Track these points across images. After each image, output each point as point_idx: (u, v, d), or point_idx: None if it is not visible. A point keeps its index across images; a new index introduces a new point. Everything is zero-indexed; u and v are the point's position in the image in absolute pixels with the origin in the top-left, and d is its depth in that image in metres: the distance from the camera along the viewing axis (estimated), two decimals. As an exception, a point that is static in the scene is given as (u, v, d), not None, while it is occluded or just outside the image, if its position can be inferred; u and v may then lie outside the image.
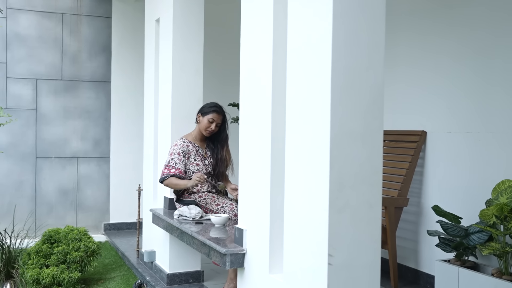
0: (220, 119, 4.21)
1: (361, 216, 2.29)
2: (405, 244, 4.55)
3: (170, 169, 4.12)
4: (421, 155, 4.39)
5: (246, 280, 3.08)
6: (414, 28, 4.49)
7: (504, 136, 3.72)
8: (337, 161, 2.22)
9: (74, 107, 6.53)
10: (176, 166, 4.12)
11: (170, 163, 4.14)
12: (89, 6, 6.59)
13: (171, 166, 4.13)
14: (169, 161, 4.16)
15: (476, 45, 3.94)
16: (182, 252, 4.44)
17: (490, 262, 3.79)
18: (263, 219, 2.89)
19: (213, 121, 4.18)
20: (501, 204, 3.35)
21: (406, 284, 4.35)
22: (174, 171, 4.10)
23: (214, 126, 4.18)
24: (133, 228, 6.67)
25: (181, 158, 4.14)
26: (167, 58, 4.53)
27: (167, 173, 4.11)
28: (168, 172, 4.11)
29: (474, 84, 3.95)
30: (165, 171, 4.13)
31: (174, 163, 4.13)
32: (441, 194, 4.21)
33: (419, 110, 4.44)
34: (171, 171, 4.11)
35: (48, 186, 6.41)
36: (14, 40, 6.27)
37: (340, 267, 2.24)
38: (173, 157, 4.15)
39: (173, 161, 4.14)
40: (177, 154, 4.15)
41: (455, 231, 3.68)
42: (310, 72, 2.35)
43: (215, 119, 4.18)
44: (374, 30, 2.31)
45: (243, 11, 3.18)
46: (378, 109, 2.32)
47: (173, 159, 4.15)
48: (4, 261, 4.65)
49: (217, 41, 6.52)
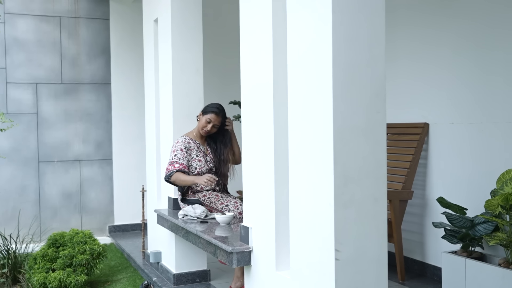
0: (218, 121, 4.22)
1: (367, 210, 2.28)
2: (411, 237, 4.54)
3: (174, 165, 4.13)
4: (424, 147, 4.39)
5: (253, 277, 3.08)
6: (414, 21, 4.47)
7: (507, 125, 3.71)
8: (341, 156, 2.22)
9: (75, 110, 6.53)
10: (180, 161, 4.13)
11: (174, 159, 4.15)
12: (87, 8, 6.58)
13: (175, 162, 4.14)
14: (172, 158, 4.16)
15: (476, 36, 3.93)
16: (188, 252, 4.44)
17: (496, 252, 3.78)
18: (268, 216, 2.89)
19: (210, 121, 4.20)
20: (506, 194, 3.34)
21: (413, 277, 4.35)
22: (178, 166, 4.11)
23: (210, 127, 4.21)
24: (138, 230, 6.67)
25: (184, 154, 4.16)
26: (167, 58, 4.52)
27: (172, 169, 4.11)
28: (172, 168, 4.12)
29: (475, 75, 3.94)
30: (170, 167, 4.14)
31: (177, 158, 4.14)
32: (445, 185, 4.20)
33: (421, 102, 4.43)
34: (176, 166, 4.11)
35: (51, 190, 6.42)
36: (13, 45, 6.26)
37: (347, 262, 2.23)
38: (176, 153, 4.16)
39: (176, 157, 4.15)
40: (180, 150, 4.17)
41: (460, 223, 3.67)
42: (311, 68, 2.34)
43: (212, 120, 4.20)
44: (374, 24, 2.30)
45: (242, 8, 3.17)
46: (381, 103, 2.31)
47: (176, 155, 4.16)
48: (10, 266, 4.66)
49: (216, 40, 6.51)
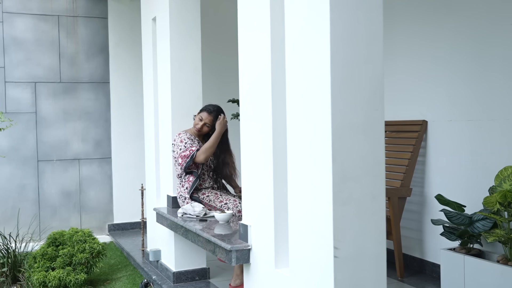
0: (209, 120, 4.23)
1: (365, 208, 2.29)
2: (410, 234, 4.55)
3: (189, 150, 4.11)
4: (423, 144, 4.39)
5: (252, 275, 3.09)
6: (412, 18, 4.48)
7: (505, 122, 3.72)
8: (340, 153, 2.22)
9: (73, 109, 6.53)
10: (193, 147, 4.13)
11: (186, 146, 4.13)
12: (85, 7, 6.58)
13: (188, 148, 4.12)
14: (184, 146, 4.14)
15: (474, 33, 3.93)
16: (187, 250, 4.44)
17: (495, 249, 3.79)
18: (267, 214, 2.90)
19: (201, 119, 4.23)
20: (505, 190, 3.35)
21: (412, 274, 4.36)
22: (195, 148, 4.11)
23: (200, 125, 4.22)
24: (137, 228, 6.68)
25: (192, 141, 4.17)
26: (165, 56, 4.52)
27: (189, 154, 4.09)
28: (189, 153, 4.10)
29: (473, 72, 3.95)
30: (187, 153, 4.10)
31: (189, 145, 4.14)
32: (444, 183, 4.21)
33: (419, 99, 4.43)
34: (192, 149, 4.11)
35: (51, 189, 6.42)
36: (11, 44, 6.26)
37: (346, 260, 2.24)
38: (185, 142, 4.16)
39: (188, 144, 4.14)
40: (187, 139, 4.17)
41: (459, 220, 3.68)
42: (309, 65, 2.35)
43: (203, 118, 4.23)
44: (372, 21, 2.30)
45: (240, 6, 3.17)
46: (379, 100, 2.32)
47: (186, 143, 4.15)
48: (10, 265, 4.67)
49: (214, 38, 6.50)
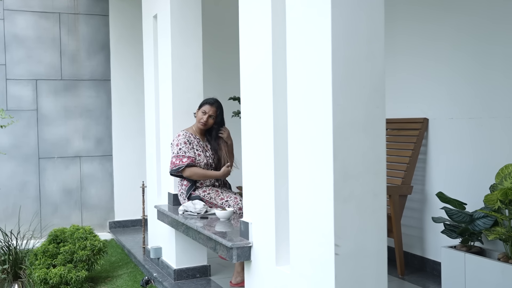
0: (212, 111, 4.26)
1: (366, 206, 2.29)
2: (411, 232, 4.55)
3: (181, 159, 4.12)
4: (424, 142, 4.39)
5: (253, 273, 3.09)
6: (413, 16, 4.47)
7: (506, 120, 3.71)
8: (341, 151, 2.22)
9: (74, 106, 6.53)
10: (186, 155, 4.13)
11: (180, 153, 4.14)
12: (86, 4, 6.57)
13: (181, 156, 4.13)
14: (177, 152, 4.16)
15: (475, 31, 3.93)
16: (188, 247, 4.45)
17: (496, 247, 3.79)
18: (268, 211, 2.90)
19: (205, 112, 4.25)
20: (505, 188, 3.35)
21: (413, 272, 4.36)
22: (186, 160, 4.12)
23: (206, 118, 4.24)
24: (138, 225, 6.69)
25: (189, 146, 4.17)
26: (166, 54, 4.52)
27: (180, 164, 4.11)
28: (180, 162, 4.11)
29: (474, 70, 3.94)
30: (177, 162, 4.13)
31: (183, 152, 4.14)
32: (445, 180, 4.21)
33: (420, 97, 4.43)
34: (183, 161, 4.12)
35: (52, 186, 6.43)
36: (12, 41, 6.26)
37: (347, 257, 2.24)
38: (181, 146, 4.17)
39: (182, 151, 4.15)
40: (184, 143, 4.18)
41: (460, 217, 3.68)
42: (310, 63, 2.35)
43: (206, 111, 4.25)
44: (373, 19, 2.30)
45: (241, 3, 3.17)
46: (380, 98, 2.32)
47: (181, 149, 4.16)
48: (11, 262, 4.68)
49: (215, 36, 6.50)
